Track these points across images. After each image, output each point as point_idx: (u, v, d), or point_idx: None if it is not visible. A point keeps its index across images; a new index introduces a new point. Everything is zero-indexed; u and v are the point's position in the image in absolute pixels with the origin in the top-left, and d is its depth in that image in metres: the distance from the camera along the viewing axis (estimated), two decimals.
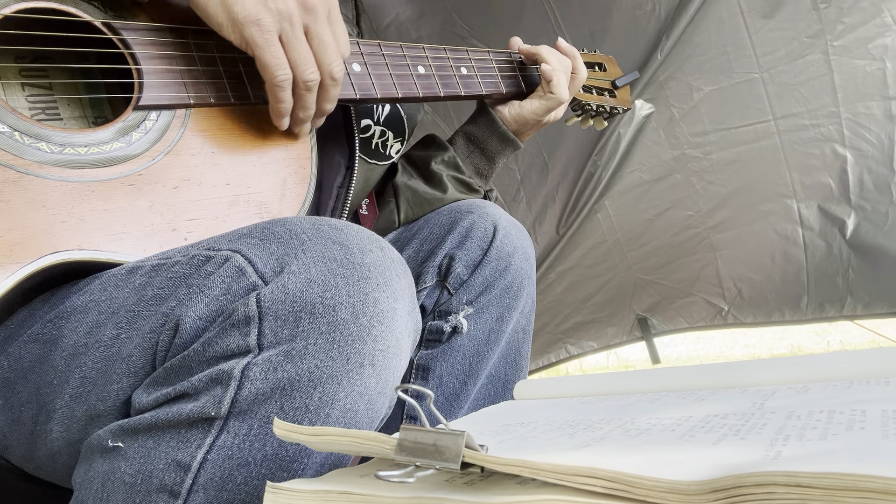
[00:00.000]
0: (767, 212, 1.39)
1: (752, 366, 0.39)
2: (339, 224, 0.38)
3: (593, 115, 0.82)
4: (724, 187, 1.39)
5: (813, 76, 1.24)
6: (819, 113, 1.27)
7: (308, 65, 0.47)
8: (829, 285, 1.39)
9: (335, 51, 0.48)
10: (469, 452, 0.23)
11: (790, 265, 1.41)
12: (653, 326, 1.61)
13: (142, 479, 0.33)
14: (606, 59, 0.86)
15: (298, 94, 0.48)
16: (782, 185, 1.36)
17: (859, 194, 1.31)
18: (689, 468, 0.21)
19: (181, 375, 0.35)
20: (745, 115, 1.31)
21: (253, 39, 0.45)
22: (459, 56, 0.66)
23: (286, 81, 0.47)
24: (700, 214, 1.43)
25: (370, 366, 0.35)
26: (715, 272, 1.49)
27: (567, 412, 0.36)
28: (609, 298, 1.60)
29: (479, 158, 0.70)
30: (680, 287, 1.54)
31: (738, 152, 1.35)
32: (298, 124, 0.51)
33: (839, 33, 1.20)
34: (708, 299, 1.53)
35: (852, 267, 1.36)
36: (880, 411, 0.26)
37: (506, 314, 0.62)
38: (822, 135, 1.29)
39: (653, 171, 1.42)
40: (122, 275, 0.40)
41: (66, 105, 0.49)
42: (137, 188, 0.44)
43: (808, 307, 1.43)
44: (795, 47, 1.22)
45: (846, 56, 1.21)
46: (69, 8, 0.45)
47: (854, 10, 1.17)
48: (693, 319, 1.58)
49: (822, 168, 1.31)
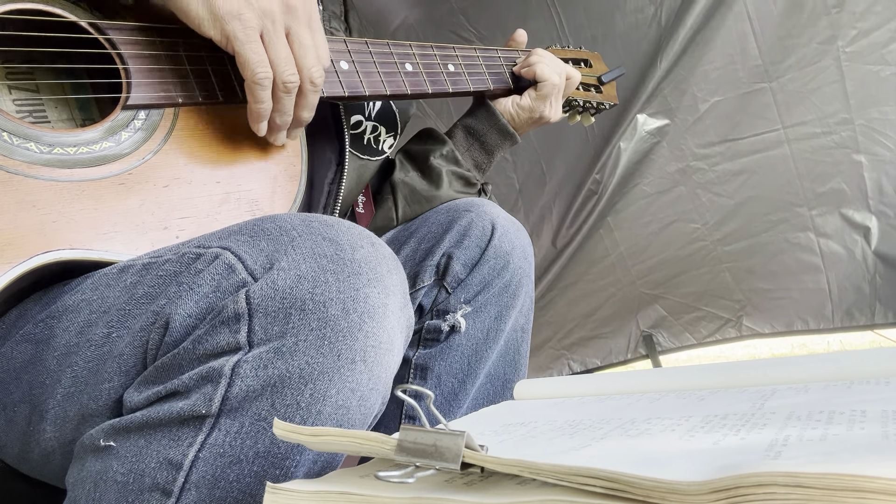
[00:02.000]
0: (778, 221, 1.36)
1: (752, 366, 0.39)
2: (330, 220, 0.38)
3: (580, 110, 0.84)
4: (731, 199, 1.37)
5: (824, 83, 1.22)
6: (831, 120, 1.25)
7: (288, 65, 0.46)
8: (855, 292, 1.37)
9: (315, 56, 0.47)
10: (469, 453, 0.23)
11: (807, 273, 1.38)
12: (658, 344, 1.59)
13: (134, 477, 0.33)
14: (592, 55, 0.86)
15: (277, 97, 0.47)
16: (793, 194, 1.33)
17: (879, 199, 1.29)
18: (689, 468, 0.21)
19: (172, 374, 0.34)
20: (752, 126, 1.29)
21: (234, 34, 0.44)
22: (447, 53, 0.66)
23: (266, 80, 0.45)
24: (707, 227, 1.41)
25: (362, 362, 0.35)
26: (723, 285, 1.46)
27: (567, 412, 0.36)
28: (613, 313, 1.57)
29: (478, 152, 0.70)
30: (687, 301, 1.51)
31: (746, 163, 1.33)
32: (275, 131, 0.49)
33: (852, 39, 1.18)
34: (717, 313, 1.50)
35: (879, 274, 1.33)
36: (880, 411, 0.26)
37: (504, 313, 0.62)
38: (835, 142, 1.27)
39: (656, 183, 1.39)
40: (113, 274, 0.40)
41: (54, 107, 0.48)
42: (128, 187, 0.43)
43: (835, 315, 1.40)
44: (806, 54, 1.21)
45: (859, 62, 1.19)
46: (55, 9, 0.45)
47: (867, 14, 1.16)
48: (701, 335, 1.54)
49: (836, 175, 1.29)
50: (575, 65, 0.81)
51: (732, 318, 1.50)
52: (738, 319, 1.50)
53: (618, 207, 1.43)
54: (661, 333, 1.59)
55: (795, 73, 1.23)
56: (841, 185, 1.31)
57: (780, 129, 1.28)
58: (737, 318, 1.50)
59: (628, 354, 1.63)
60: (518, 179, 1.49)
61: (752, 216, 1.38)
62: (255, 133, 0.49)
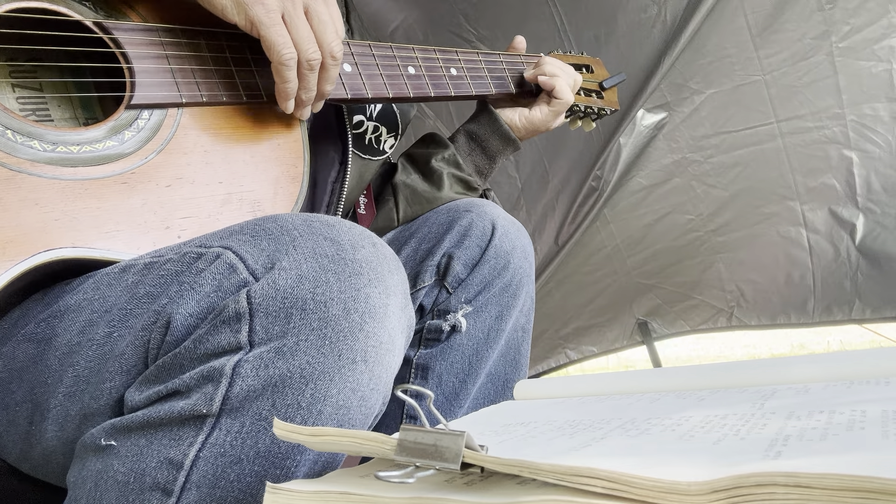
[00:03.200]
0: (770, 214, 1.37)
1: (752, 366, 0.39)
2: (332, 220, 0.38)
3: (581, 116, 0.84)
4: (725, 191, 1.38)
5: (817, 78, 1.23)
6: (823, 115, 1.25)
7: (310, 43, 0.48)
8: (836, 288, 1.38)
9: (333, 30, 0.49)
10: (469, 453, 0.23)
11: (794, 268, 1.40)
12: (653, 330, 1.60)
13: (135, 477, 0.33)
14: (593, 61, 0.87)
15: (301, 74, 0.49)
16: (785, 188, 1.34)
17: (867, 196, 1.29)
18: (688, 468, 0.21)
19: (173, 373, 0.34)
20: (747, 118, 1.30)
21: (258, 18, 0.45)
22: (449, 57, 0.67)
23: (292, 60, 0.47)
24: (701, 218, 1.42)
25: (362, 362, 0.35)
26: (716, 275, 1.47)
27: (567, 412, 0.36)
28: (609, 303, 1.59)
29: (480, 157, 0.71)
30: (681, 291, 1.52)
31: (740, 155, 1.34)
32: (301, 107, 0.51)
33: (844, 35, 1.18)
34: (709, 302, 1.52)
35: (861, 270, 1.34)
36: (880, 411, 0.26)
37: (505, 312, 0.62)
38: (827, 137, 1.27)
39: (652, 175, 1.40)
40: (115, 273, 0.40)
41: (57, 106, 0.48)
42: (130, 186, 0.44)
43: (815, 310, 1.42)
44: (799, 49, 1.21)
45: (851, 57, 1.20)
46: (60, 8, 0.45)
47: (860, 10, 1.16)
48: (694, 322, 1.56)
49: (826, 170, 1.30)
50: (576, 70, 0.81)
51: (725, 309, 1.52)
52: (730, 310, 1.51)
53: (614, 200, 1.44)
54: (655, 321, 1.60)
55: (789, 67, 1.23)
56: (832, 181, 1.31)
57: (774, 122, 1.29)
58: (728, 307, 1.51)
59: (624, 342, 1.64)
60: (521, 179, 1.49)
61: (746, 208, 1.39)
62: (283, 111, 0.51)
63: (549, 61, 0.73)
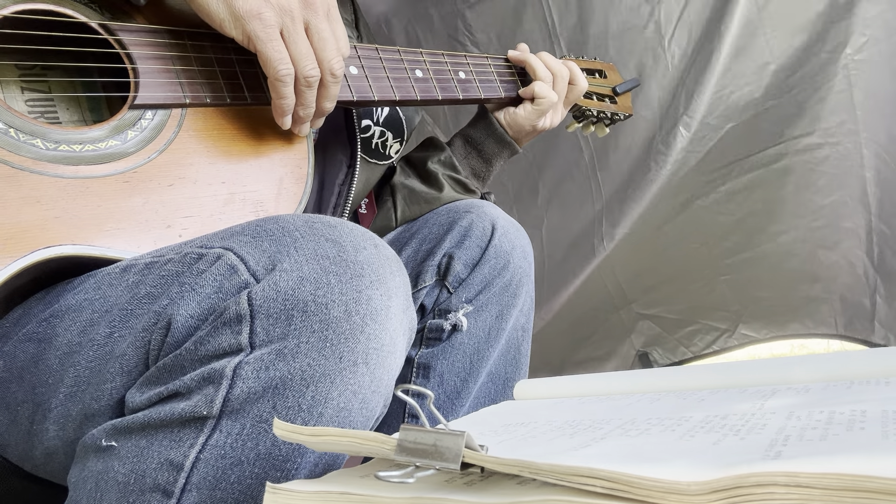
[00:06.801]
0: (777, 233, 1.32)
1: (752, 366, 0.39)
2: (334, 221, 0.38)
3: (594, 121, 0.82)
4: (732, 216, 1.32)
5: (831, 93, 1.18)
6: (836, 131, 1.20)
7: (308, 60, 0.47)
8: (856, 307, 1.33)
9: (335, 47, 0.48)
10: (469, 453, 0.23)
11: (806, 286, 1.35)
12: (655, 361, 1.57)
13: (135, 478, 0.33)
14: (607, 66, 0.86)
15: (299, 91, 0.48)
16: (795, 206, 1.30)
17: (879, 217, 1.25)
18: (688, 468, 0.21)
19: (173, 374, 0.34)
20: (757, 142, 1.24)
21: (255, 34, 0.45)
22: (457, 61, 0.66)
23: (289, 76, 0.47)
24: (706, 246, 1.36)
25: (364, 364, 0.35)
26: (721, 297, 1.42)
27: (567, 412, 0.36)
28: (606, 336, 1.53)
29: (476, 160, 0.71)
30: (681, 318, 1.47)
31: (749, 179, 1.28)
32: (298, 123, 0.51)
33: (861, 47, 1.14)
34: (713, 324, 1.46)
35: (879, 293, 1.30)
36: (880, 411, 0.26)
37: (505, 312, 0.62)
38: (840, 154, 1.22)
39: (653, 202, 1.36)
40: (115, 273, 0.40)
41: (66, 109, 0.49)
42: (132, 185, 0.44)
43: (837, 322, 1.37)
44: (814, 63, 1.16)
45: (868, 71, 1.15)
46: (66, 10, 0.45)
47: (876, 21, 1.12)
48: (698, 347, 1.49)
49: (838, 188, 1.25)
50: (589, 75, 0.80)
51: (729, 329, 1.47)
52: (735, 329, 1.47)
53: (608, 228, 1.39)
54: (656, 350, 1.56)
55: (807, 83, 1.18)
56: (845, 199, 1.26)
57: (783, 141, 1.24)
58: (734, 327, 1.48)
59: None
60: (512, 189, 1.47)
61: (753, 230, 1.34)
62: (280, 126, 0.50)
63: (534, 59, 0.71)
